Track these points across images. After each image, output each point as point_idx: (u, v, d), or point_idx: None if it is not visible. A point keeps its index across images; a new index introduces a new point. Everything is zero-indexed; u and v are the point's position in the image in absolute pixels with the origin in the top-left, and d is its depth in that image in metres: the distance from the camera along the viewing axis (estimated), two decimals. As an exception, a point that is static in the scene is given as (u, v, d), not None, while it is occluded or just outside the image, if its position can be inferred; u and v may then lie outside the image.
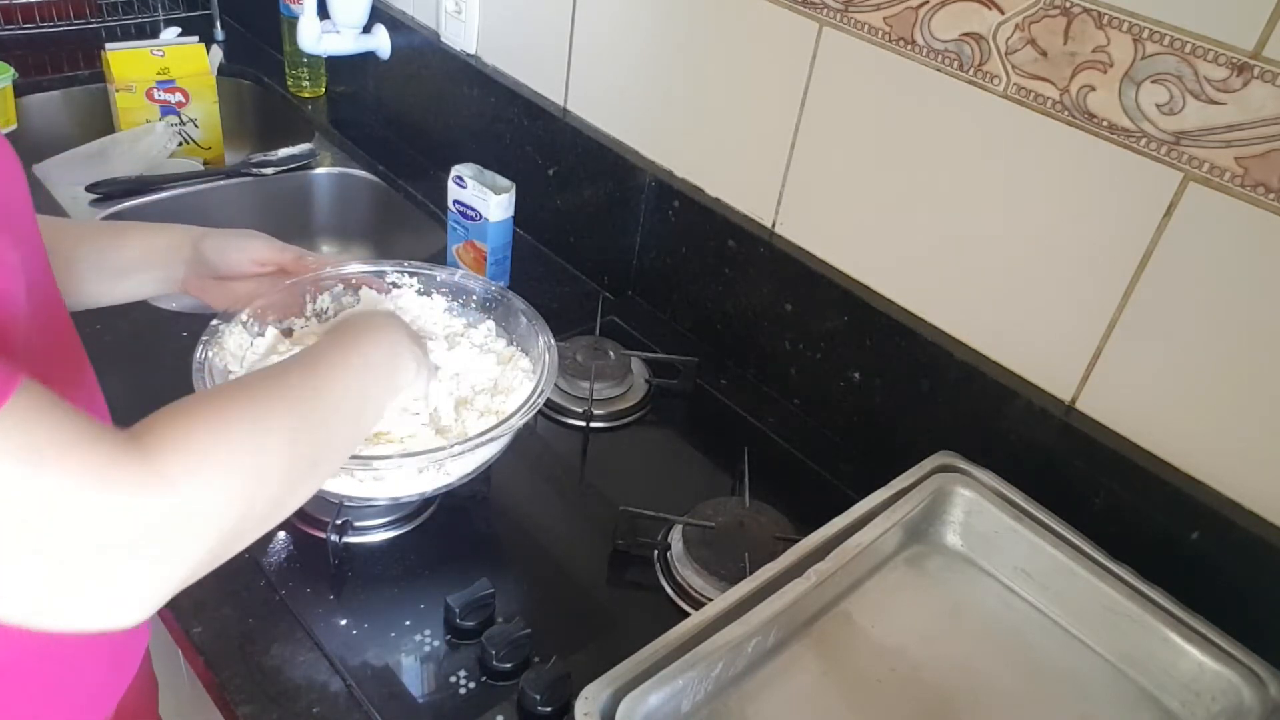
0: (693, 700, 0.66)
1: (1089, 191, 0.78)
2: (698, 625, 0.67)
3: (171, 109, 1.41)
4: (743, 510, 0.88)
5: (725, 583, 0.80)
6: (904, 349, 0.94)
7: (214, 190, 1.38)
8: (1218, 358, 0.74)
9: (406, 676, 0.73)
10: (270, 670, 0.73)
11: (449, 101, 1.38)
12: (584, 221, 1.23)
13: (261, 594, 0.78)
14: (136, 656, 0.74)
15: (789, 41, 0.95)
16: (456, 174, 1.12)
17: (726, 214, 1.07)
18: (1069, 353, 0.83)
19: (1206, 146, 0.70)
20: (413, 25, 1.41)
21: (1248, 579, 0.74)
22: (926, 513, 0.80)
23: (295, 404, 0.56)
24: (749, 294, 1.07)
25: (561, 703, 0.70)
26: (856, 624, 0.74)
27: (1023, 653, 0.74)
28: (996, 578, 0.79)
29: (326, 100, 1.61)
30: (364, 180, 1.45)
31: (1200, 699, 0.69)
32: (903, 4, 0.85)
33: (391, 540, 0.85)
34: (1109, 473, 0.81)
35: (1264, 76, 0.66)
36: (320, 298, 0.91)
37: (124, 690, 0.72)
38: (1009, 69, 0.79)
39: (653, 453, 1.01)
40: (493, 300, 0.93)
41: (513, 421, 0.77)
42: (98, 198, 1.28)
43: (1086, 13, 0.73)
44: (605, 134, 1.18)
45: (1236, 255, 0.71)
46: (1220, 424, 0.75)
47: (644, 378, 1.06)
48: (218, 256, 0.82)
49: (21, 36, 1.62)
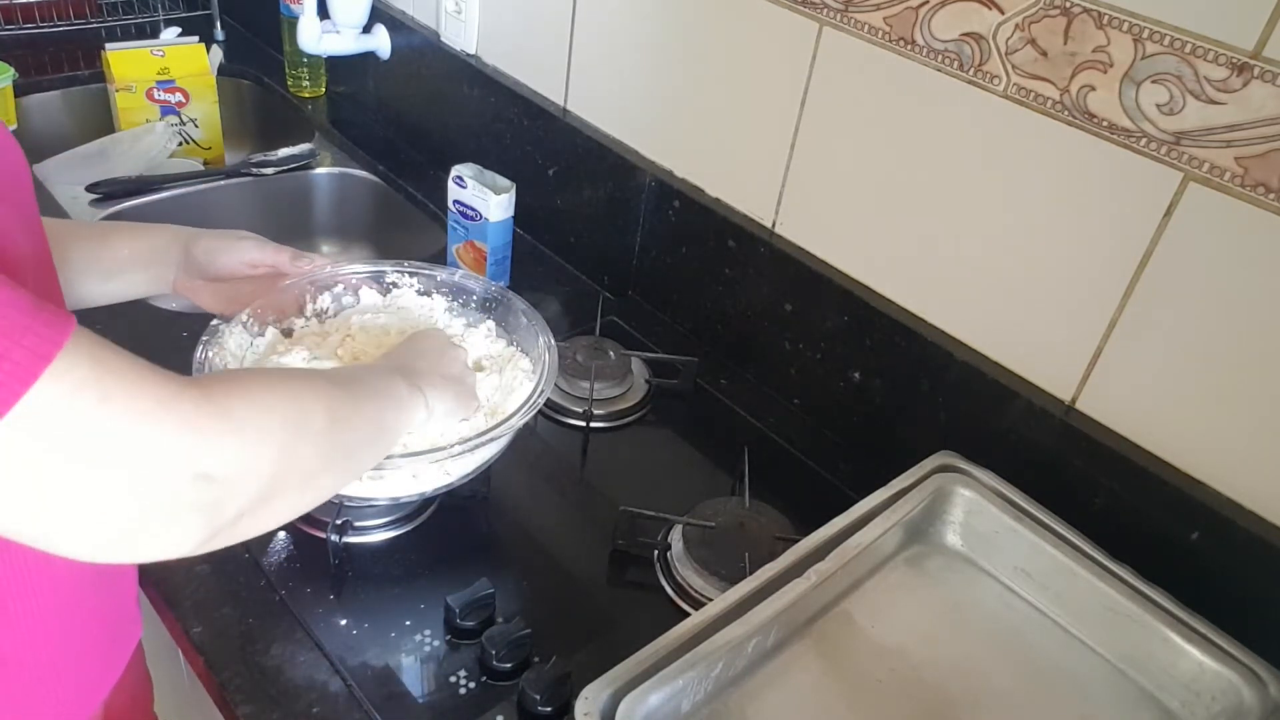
0: (693, 700, 0.66)
1: (1089, 191, 0.78)
2: (698, 625, 0.67)
3: (171, 109, 1.41)
4: (743, 510, 0.88)
5: (725, 583, 0.80)
6: (904, 349, 0.94)
7: (214, 190, 1.38)
8: (1218, 358, 0.74)
9: (406, 676, 0.73)
10: (270, 670, 0.73)
11: (449, 101, 1.38)
12: (584, 221, 1.23)
13: (261, 594, 0.78)
14: (127, 651, 0.74)
15: (789, 41, 0.95)
16: (456, 174, 1.12)
17: (726, 214, 1.07)
18: (1069, 353, 0.83)
19: (1206, 146, 0.70)
20: (413, 25, 1.41)
21: (1248, 579, 0.74)
22: (926, 513, 0.80)
23: (329, 401, 0.58)
24: (749, 294, 1.07)
25: (561, 703, 0.70)
26: (856, 624, 0.74)
27: (1023, 653, 0.74)
28: (996, 578, 0.79)
29: (326, 100, 1.61)
30: (364, 180, 1.45)
31: (1200, 699, 0.69)
32: (903, 4, 0.85)
33: (391, 540, 0.85)
34: (1109, 473, 0.81)
35: (1264, 76, 0.66)
36: (320, 297, 0.91)
37: (113, 685, 0.72)
38: (1009, 69, 0.79)
39: (653, 453, 1.01)
40: (493, 300, 0.93)
41: (513, 421, 0.77)
42: (98, 198, 1.28)
43: (1086, 13, 0.73)
44: (605, 134, 1.18)
45: (1236, 255, 0.71)
46: (1220, 424, 0.75)
47: (644, 378, 1.06)
48: (209, 258, 0.82)
49: (21, 36, 1.62)
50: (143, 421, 0.45)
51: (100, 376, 0.44)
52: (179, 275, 0.82)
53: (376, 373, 0.69)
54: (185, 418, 0.47)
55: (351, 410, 0.61)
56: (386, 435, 0.67)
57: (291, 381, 0.57)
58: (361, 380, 0.65)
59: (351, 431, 0.60)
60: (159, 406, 0.46)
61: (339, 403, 0.59)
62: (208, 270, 0.82)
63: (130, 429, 0.45)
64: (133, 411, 0.45)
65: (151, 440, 0.45)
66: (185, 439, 0.47)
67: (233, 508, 0.49)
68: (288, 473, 0.53)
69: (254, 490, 0.50)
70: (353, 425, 0.60)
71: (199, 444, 0.47)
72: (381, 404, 0.66)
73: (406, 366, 0.73)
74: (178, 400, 0.47)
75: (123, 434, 0.44)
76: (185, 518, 0.48)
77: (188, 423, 0.47)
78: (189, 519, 0.48)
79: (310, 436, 0.55)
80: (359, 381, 0.65)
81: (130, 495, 0.45)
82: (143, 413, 0.45)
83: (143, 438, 0.45)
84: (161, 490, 0.46)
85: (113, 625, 0.71)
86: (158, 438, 0.46)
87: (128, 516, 0.46)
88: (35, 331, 0.42)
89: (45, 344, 0.42)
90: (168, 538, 0.48)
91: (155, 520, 0.47)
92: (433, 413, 0.72)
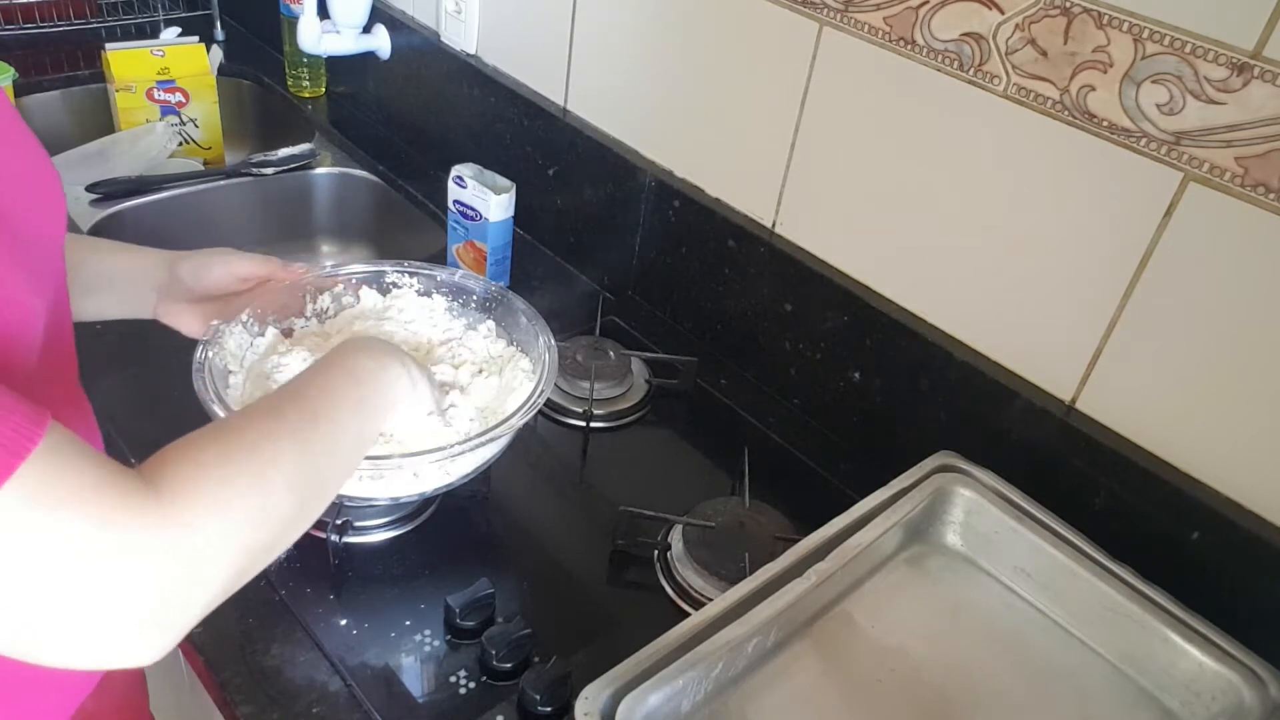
0: (693, 700, 0.65)
1: (1089, 191, 0.78)
2: (698, 625, 0.67)
3: (171, 109, 1.41)
4: (743, 510, 0.88)
5: (725, 583, 0.80)
6: (904, 349, 0.94)
7: (214, 190, 1.38)
8: (1218, 357, 0.74)
9: (406, 676, 0.73)
10: (270, 670, 0.73)
11: (449, 101, 1.38)
12: (584, 221, 1.23)
13: (261, 594, 0.78)
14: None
15: (789, 41, 0.95)
16: (456, 174, 1.12)
17: (726, 214, 1.07)
18: (1069, 353, 0.83)
19: (1206, 146, 0.70)
20: (413, 25, 1.41)
21: (1248, 579, 0.74)
22: (926, 513, 0.80)
23: (294, 433, 0.56)
24: (749, 294, 1.07)
25: (561, 703, 0.70)
26: (857, 624, 0.74)
27: (1023, 653, 0.74)
28: (996, 578, 0.79)
29: (326, 100, 1.61)
30: (364, 180, 1.45)
31: (1200, 699, 0.69)
32: (903, 4, 0.85)
33: (391, 540, 0.85)
34: (1109, 473, 0.81)
35: (1264, 76, 0.66)
36: (320, 298, 0.91)
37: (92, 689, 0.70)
38: (1009, 69, 0.79)
39: (653, 453, 1.01)
40: (493, 300, 0.93)
41: (513, 421, 0.77)
42: (98, 198, 1.28)
43: (1086, 13, 0.73)
44: (605, 134, 1.18)
45: (1236, 255, 0.71)
46: (1220, 424, 0.75)
47: (644, 378, 1.06)
48: (197, 276, 0.80)
49: (22, 36, 1.62)
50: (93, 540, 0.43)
51: (55, 489, 0.43)
52: (161, 299, 0.80)
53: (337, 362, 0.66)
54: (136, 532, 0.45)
55: (321, 427, 0.59)
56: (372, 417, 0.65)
57: (246, 432, 0.54)
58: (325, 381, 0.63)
59: (325, 448, 0.58)
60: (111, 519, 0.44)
61: (304, 427, 0.57)
62: (196, 289, 0.80)
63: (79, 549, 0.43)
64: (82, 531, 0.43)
65: (104, 551, 0.44)
66: (136, 552, 0.45)
67: (199, 604, 0.48)
68: (265, 528, 0.52)
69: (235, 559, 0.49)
70: (326, 440, 0.59)
71: (150, 554, 0.45)
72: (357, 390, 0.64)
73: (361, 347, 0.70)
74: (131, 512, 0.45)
75: (72, 552, 0.43)
76: (145, 629, 0.46)
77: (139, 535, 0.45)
78: (148, 630, 0.46)
79: (280, 483, 0.53)
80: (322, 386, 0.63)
81: (81, 612, 0.44)
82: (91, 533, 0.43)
83: (93, 556, 0.43)
84: (114, 604, 0.45)
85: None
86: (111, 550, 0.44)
87: (80, 631, 0.44)
88: (13, 425, 0.41)
89: (9, 454, 0.41)
90: (127, 649, 0.46)
91: (114, 634, 0.45)
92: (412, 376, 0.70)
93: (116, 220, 1.28)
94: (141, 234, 1.31)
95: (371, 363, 0.68)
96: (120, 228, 1.28)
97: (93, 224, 1.24)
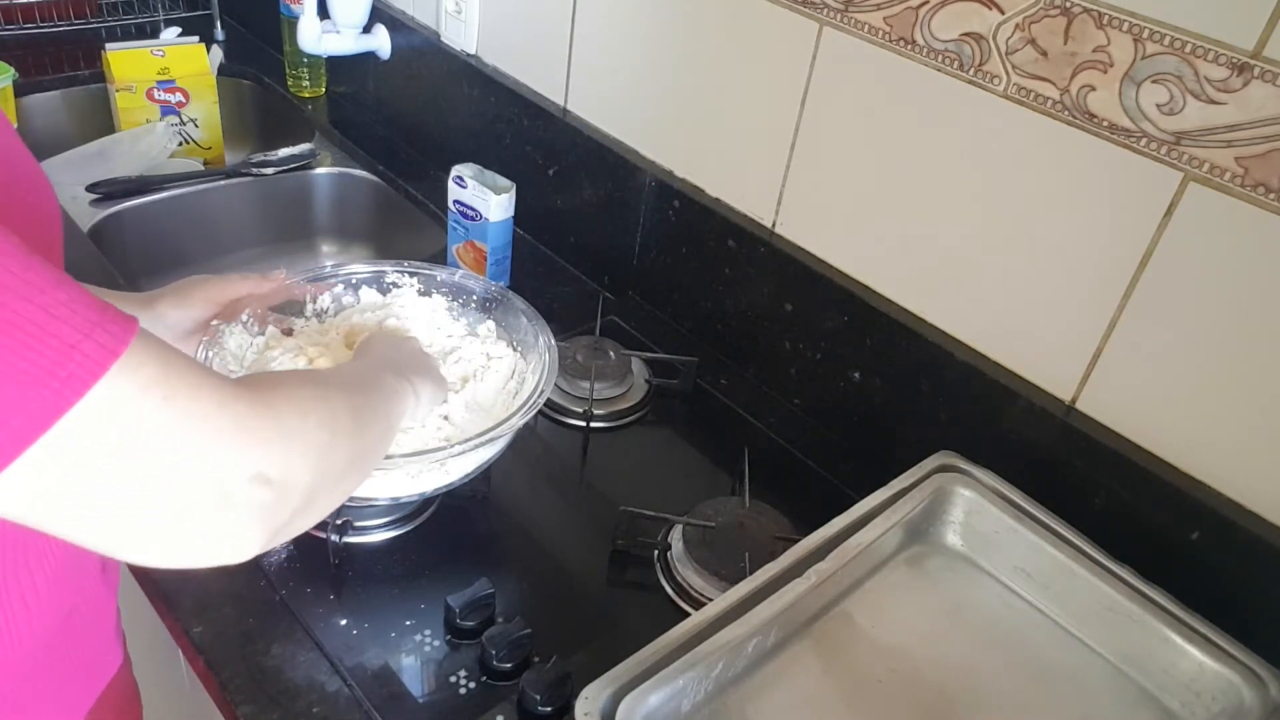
0: (693, 700, 0.65)
1: (1089, 191, 0.78)
2: (698, 625, 0.67)
3: (171, 109, 1.41)
4: (743, 510, 0.88)
5: (725, 583, 0.80)
6: (904, 349, 0.94)
7: (214, 190, 1.38)
8: (1218, 357, 0.74)
9: (406, 676, 0.73)
10: (270, 670, 0.73)
11: (449, 101, 1.38)
12: (584, 221, 1.23)
13: (261, 594, 0.78)
14: (114, 663, 0.73)
15: (789, 41, 0.95)
16: (456, 174, 1.12)
17: (726, 214, 1.07)
18: (1069, 353, 0.83)
19: (1206, 146, 0.70)
20: (413, 25, 1.41)
21: (1248, 579, 0.74)
22: (926, 513, 0.80)
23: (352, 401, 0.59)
24: (749, 294, 1.07)
25: (561, 703, 0.70)
26: (857, 624, 0.74)
27: (1023, 653, 0.74)
28: (996, 578, 0.79)
29: (326, 100, 1.61)
30: (364, 180, 1.44)
31: (1200, 699, 0.69)
32: (903, 4, 0.85)
33: (391, 540, 0.85)
34: (1109, 473, 0.81)
35: (1264, 76, 0.66)
36: (320, 298, 0.91)
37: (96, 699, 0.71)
38: (1009, 69, 0.79)
39: (653, 453, 1.01)
40: (493, 300, 0.93)
41: (512, 421, 0.77)
42: (98, 198, 1.28)
43: (1086, 13, 0.73)
44: (605, 134, 1.18)
45: (1236, 255, 0.71)
46: (1221, 424, 0.75)
47: (644, 378, 1.06)
48: (179, 316, 0.79)
49: (22, 36, 1.62)
50: (204, 424, 0.45)
51: (167, 376, 0.44)
52: None
53: (368, 370, 0.70)
54: (241, 421, 0.47)
55: (368, 410, 0.61)
56: (392, 430, 0.68)
57: (318, 384, 0.57)
58: (364, 378, 0.66)
59: (370, 430, 0.61)
60: (219, 410, 0.46)
61: (358, 403, 0.60)
62: (185, 322, 0.80)
63: (192, 431, 0.45)
64: (194, 415, 0.45)
65: (212, 443, 0.46)
66: (241, 441, 0.47)
67: (287, 508, 0.50)
68: (326, 473, 0.53)
69: (303, 490, 0.51)
70: (371, 424, 0.61)
71: (255, 446, 0.48)
72: (386, 400, 0.66)
73: (385, 359, 0.73)
74: (234, 403, 0.47)
75: (184, 436, 0.45)
76: (246, 521, 0.48)
77: (244, 425, 0.47)
78: (249, 522, 0.48)
79: (342, 438, 0.56)
80: (364, 380, 0.65)
81: (191, 500, 0.46)
82: (203, 415, 0.45)
83: (203, 441, 0.45)
84: (222, 493, 0.46)
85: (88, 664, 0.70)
86: (217, 441, 0.46)
87: (188, 521, 0.46)
88: (104, 328, 0.42)
89: (114, 340, 0.42)
90: (231, 542, 0.48)
91: (219, 524, 0.47)
92: (420, 399, 0.73)
93: (116, 220, 1.28)
94: (142, 234, 1.31)
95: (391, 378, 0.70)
96: (120, 228, 1.28)
97: (93, 224, 1.24)
